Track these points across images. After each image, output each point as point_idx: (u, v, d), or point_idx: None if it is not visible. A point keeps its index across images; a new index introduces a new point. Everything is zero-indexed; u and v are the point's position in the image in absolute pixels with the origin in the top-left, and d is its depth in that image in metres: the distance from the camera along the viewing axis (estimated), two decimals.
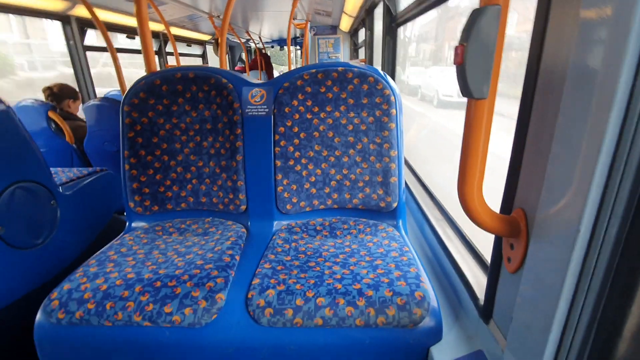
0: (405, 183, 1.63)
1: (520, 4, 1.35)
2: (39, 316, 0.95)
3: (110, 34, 2.67)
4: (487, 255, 1.03)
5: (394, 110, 1.30)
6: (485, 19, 0.52)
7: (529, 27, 0.65)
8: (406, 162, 2.23)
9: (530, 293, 0.64)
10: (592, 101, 0.47)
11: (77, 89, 2.98)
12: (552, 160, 0.56)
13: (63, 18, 3.19)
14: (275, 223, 1.38)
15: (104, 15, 3.47)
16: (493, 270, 0.81)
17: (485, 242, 1.08)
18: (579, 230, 0.50)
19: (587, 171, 0.48)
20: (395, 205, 1.33)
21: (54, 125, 2.48)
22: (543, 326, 0.58)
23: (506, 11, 0.54)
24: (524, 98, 0.68)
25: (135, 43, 4.35)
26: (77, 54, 3.34)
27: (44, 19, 3.11)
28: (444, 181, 1.75)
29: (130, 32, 4.16)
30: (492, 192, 0.76)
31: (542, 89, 0.63)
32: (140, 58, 2.18)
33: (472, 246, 1.15)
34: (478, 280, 1.00)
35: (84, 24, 3.37)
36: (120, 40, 4.14)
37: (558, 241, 0.55)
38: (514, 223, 0.68)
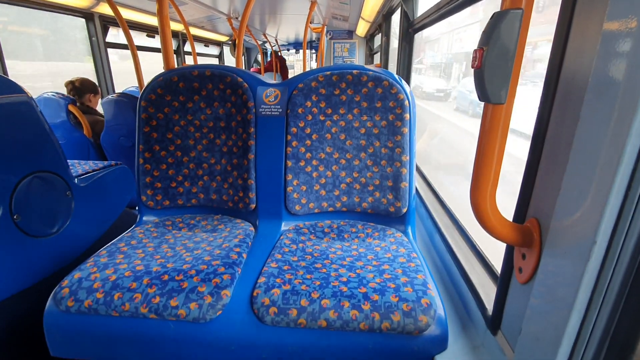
0: (416, 189, 1.62)
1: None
2: (49, 303, 0.97)
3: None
4: (497, 265, 1.01)
5: (407, 115, 1.29)
6: (506, 23, 0.52)
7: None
8: (417, 168, 2.21)
9: (541, 305, 0.62)
10: (614, 112, 0.46)
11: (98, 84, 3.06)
12: (569, 170, 0.55)
13: (87, 15, 3.29)
14: (283, 223, 1.38)
15: (125, 14, 3.55)
16: (503, 280, 0.79)
17: (495, 252, 1.06)
18: (594, 242, 0.49)
19: (605, 182, 0.47)
20: (404, 210, 1.32)
21: (73, 119, 2.54)
22: (553, 340, 0.56)
23: (529, 15, 0.53)
24: (542, 106, 0.66)
25: (150, 42, 4.44)
26: (99, 50, 3.43)
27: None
28: None
29: (150, 30, 4.25)
30: None
31: (561, 98, 0.62)
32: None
33: (482, 255, 1.13)
34: (486, 290, 0.98)
35: (107, 22, 3.46)
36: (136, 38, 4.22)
37: (572, 253, 0.54)
38: (527, 232, 0.67)
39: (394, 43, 3.66)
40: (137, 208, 1.45)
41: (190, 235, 1.27)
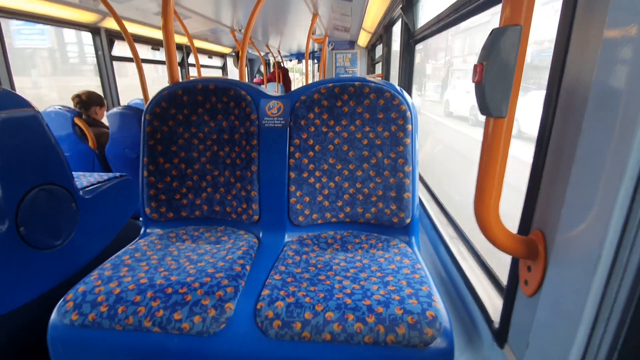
0: (419, 199, 1.62)
1: None
2: (53, 316, 0.97)
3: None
4: (503, 277, 1.00)
5: (409, 126, 1.30)
6: (505, 39, 0.52)
7: None
8: (420, 178, 2.20)
9: (547, 318, 0.62)
10: (616, 121, 0.46)
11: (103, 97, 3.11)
12: (573, 182, 0.55)
13: (93, 30, 3.36)
14: (286, 234, 1.38)
15: (131, 28, 3.63)
16: (509, 293, 0.78)
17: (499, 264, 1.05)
18: (600, 254, 0.48)
19: (609, 194, 0.47)
20: (408, 221, 1.32)
21: (78, 131, 2.57)
22: (561, 353, 0.56)
23: (528, 31, 0.54)
24: (544, 117, 0.67)
25: (154, 54, 4.52)
26: (105, 64, 3.49)
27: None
28: None
29: (155, 44, 4.33)
30: None
31: (563, 107, 0.62)
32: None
33: (487, 267, 1.13)
34: (493, 302, 0.97)
35: (113, 36, 3.53)
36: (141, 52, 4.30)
37: (578, 265, 0.53)
38: (532, 245, 0.67)
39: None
40: (140, 219, 1.46)
41: (193, 247, 1.27)
